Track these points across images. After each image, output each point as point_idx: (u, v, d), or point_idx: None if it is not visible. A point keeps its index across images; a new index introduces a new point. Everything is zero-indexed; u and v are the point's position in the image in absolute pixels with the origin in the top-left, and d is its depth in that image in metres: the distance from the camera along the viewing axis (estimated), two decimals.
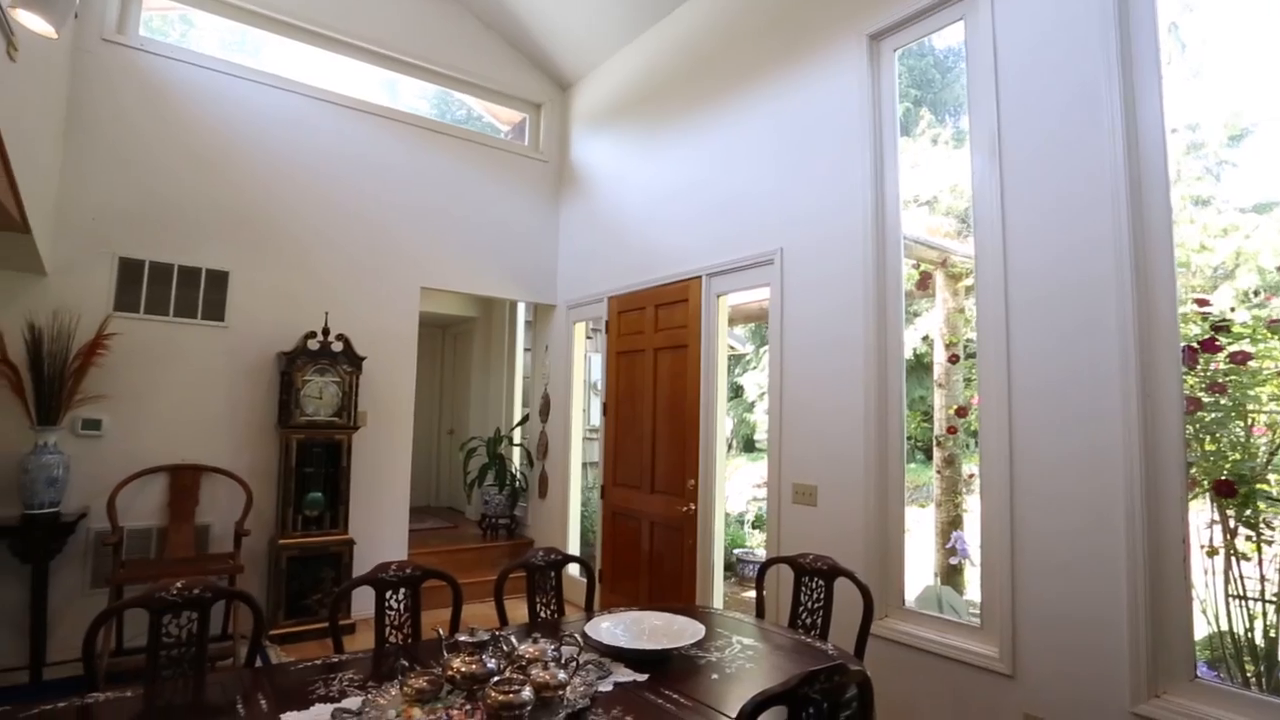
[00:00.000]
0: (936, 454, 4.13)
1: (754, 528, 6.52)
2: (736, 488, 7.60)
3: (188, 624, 1.94)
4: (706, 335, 3.96)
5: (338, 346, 4.33)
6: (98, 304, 3.97)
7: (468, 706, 1.64)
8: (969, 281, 4.15)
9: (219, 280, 4.31)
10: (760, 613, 2.66)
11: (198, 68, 4.32)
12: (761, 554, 6.06)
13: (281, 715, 1.60)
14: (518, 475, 5.79)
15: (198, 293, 4.24)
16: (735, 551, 6.01)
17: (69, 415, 3.80)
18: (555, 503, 5.34)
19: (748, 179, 3.84)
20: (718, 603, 3.87)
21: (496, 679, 1.67)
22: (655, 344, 4.31)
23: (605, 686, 1.80)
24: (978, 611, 2.84)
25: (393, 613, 2.28)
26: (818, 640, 2.28)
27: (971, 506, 3.92)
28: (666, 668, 1.96)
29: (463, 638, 1.79)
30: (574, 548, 5.17)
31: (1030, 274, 2.56)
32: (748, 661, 2.05)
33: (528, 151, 5.71)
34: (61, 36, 3.46)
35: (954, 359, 3.98)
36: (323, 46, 4.87)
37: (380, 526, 4.68)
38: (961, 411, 3.89)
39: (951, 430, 3.92)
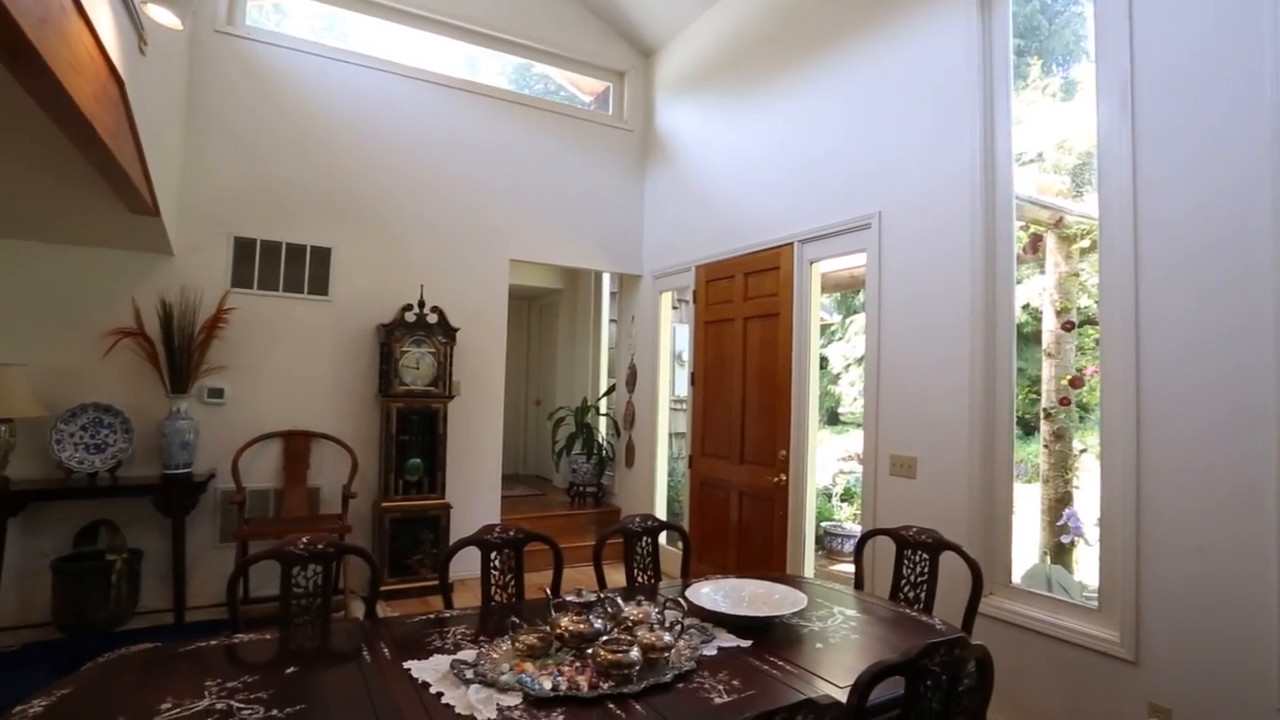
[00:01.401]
0: (1044, 427, 3.90)
1: (843, 501, 6.39)
2: (821, 461, 7.46)
3: (313, 576, 2.07)
4: (799, 303, 3.86)
5: (433, 318, 4.48)
6: (217, 281, 4.25)
7: (577, 664, 1.68)
8: (1085, 243, 3.86)
9: (322, 256, 4.53)
10: (859, 584, 2.60)
11: (299, 53, 4.50)
12: (850, 527, 5.95)
13: (404, 663, 1.69)
14: (604, 444, 5.88)
15: (304, 268, 4.47)
16: (822, 524, 5.91)
17: (196, 384, 4.10)
18: (642, 472, 5.39)
19: (842, 140, 3.68)
20: (808, 574, 3.82)
21: (605, 638, 1.70)
22: (745, 313, 4.24)
23: (709, 651, 1.81)
24: (1093, 593, 2.69)
25: (496, 573, 2.36)
26: (922, 614, 2.21)
27: (1085, 483, 3.69)
28: (769, 635, 1.95)
29: (570, 598, 1.83)
30: (660, 516, 5.22)
31: (1164, 228, 2.35)
32: (852, 632, 2.01)
33: (611, 121, 5.69)
34: (181, 29, 3.67)
35: (1068, 326, 3.73)
36: (408, 24, 4.96)
37: (474, 492, 4.86)
38: (1075, 382, 3.65)
39: (1064, 401, 3.69)
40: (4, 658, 3.35)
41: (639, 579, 2.60)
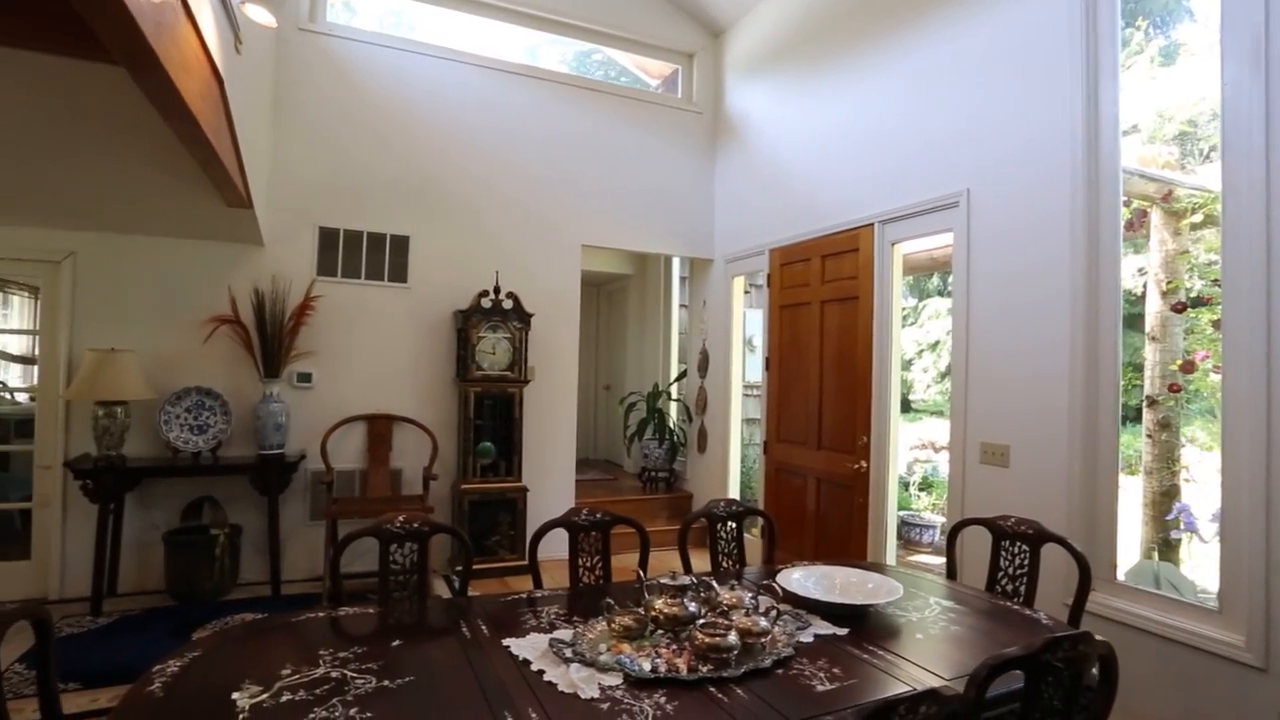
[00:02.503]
0: (1147, 416, 3.67)
1: (921, 490, 6.21)
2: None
3: (410, 553, 2.13)
4: (880, 286, 3.74)
5: (508, 304, 4.54)
6: (304, 269, 4.42)
7: (674, 646, 1.67)
8: (1195, 218, 3.59)
9: (401, 244, 4.65)
10: (951, 574, 2.51)
11: (373, 46, 4.62)
12: (928, 517, 5.77)
13: (503, 640, 1.72)
14: (676, 429, 5.87)
15: (384, 257, 4.61)
16: (899, 514, 5.75)
17: (287, 369, 4.29)
18: (714, 457, 5.36)
19: (925, 116, 3.53)
20: (890, 563, 3.72)
21: (701, 622, 1.69)
22: (821, 296, 4.14)
23: (806, 638, 1.77)
24: (1208, 592, 2.52)
25: (583, 555, 2.38)
26: (1024, 608, 2.12)
27: (1198, 475, 3.45)
28: (865, 624, 1.90)
29: (664, 580, 1.83)
30: None
31: None
32: (951, 623, 1.94)
33: (680, 104, 5.62)
34: (275, 26, 3.81)
35: (1179, 307, 3.48)
36: (474, 12, 4.99)
37: (549, 476, 4.94)
38: (1188, 367, 3.41)
39: (1174, 389, 3.45)
40: (128, 620, 3.60)
41: (723, 564, 2.58)
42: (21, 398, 4.59)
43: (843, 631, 1.83)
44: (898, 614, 1.98)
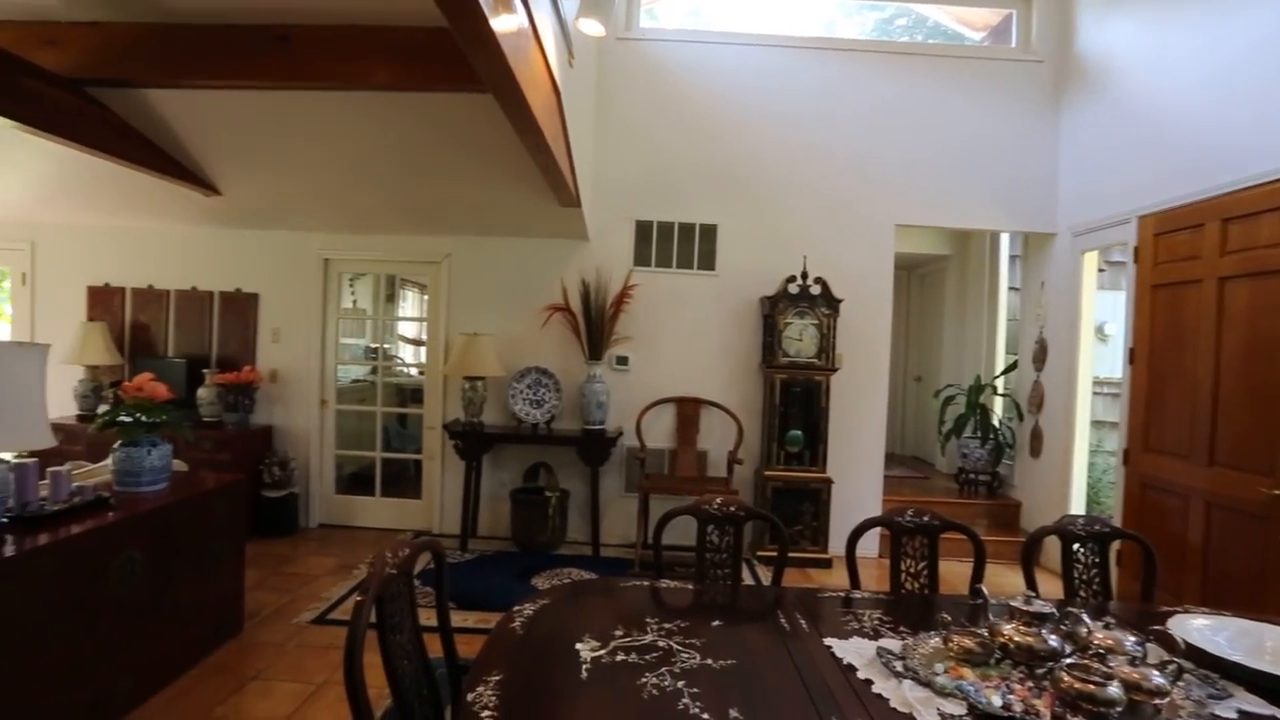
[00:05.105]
0: None
1: None
2: None
3: (726, 535, 2.14)
4: None
5: (816, 289, 4.40)
6: (622, 261, 4.79)
7: (1029, 683, 1.41)
8: None
9: (709, 233, 4.79)
10: None
11: (677, 43, 4.81)
12: None
13: (824, 639, 1.62)
14: (1002, 428, 5.17)
15: (693, 246, 4.79)
16: None
17: (607, 352, 4.70)
18: (1052, 463, 4.59)
19: None
20: None
21: (1068, 661, 1.40)
22: (1221, 271, 3.24)
23: (1225, 712, 1.36)
24: None
25: (905, 559, 2.17)
26: None
27: None
28: None
29: (1015, 603, 1.56)
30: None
31: None
32: None
33: (1013, 54, 4.87)
34: (590, 41, 4.17)
35: None
36: None
37: (855, 469, 4.70)
38: None
39: None
40: (484, 559, 4.29)
41: (1082, 592, 2.15)
42: (412, 372, 5.80)
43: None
44: None
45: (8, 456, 2.24)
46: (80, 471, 2.87)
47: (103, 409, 3.82)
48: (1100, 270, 4.62)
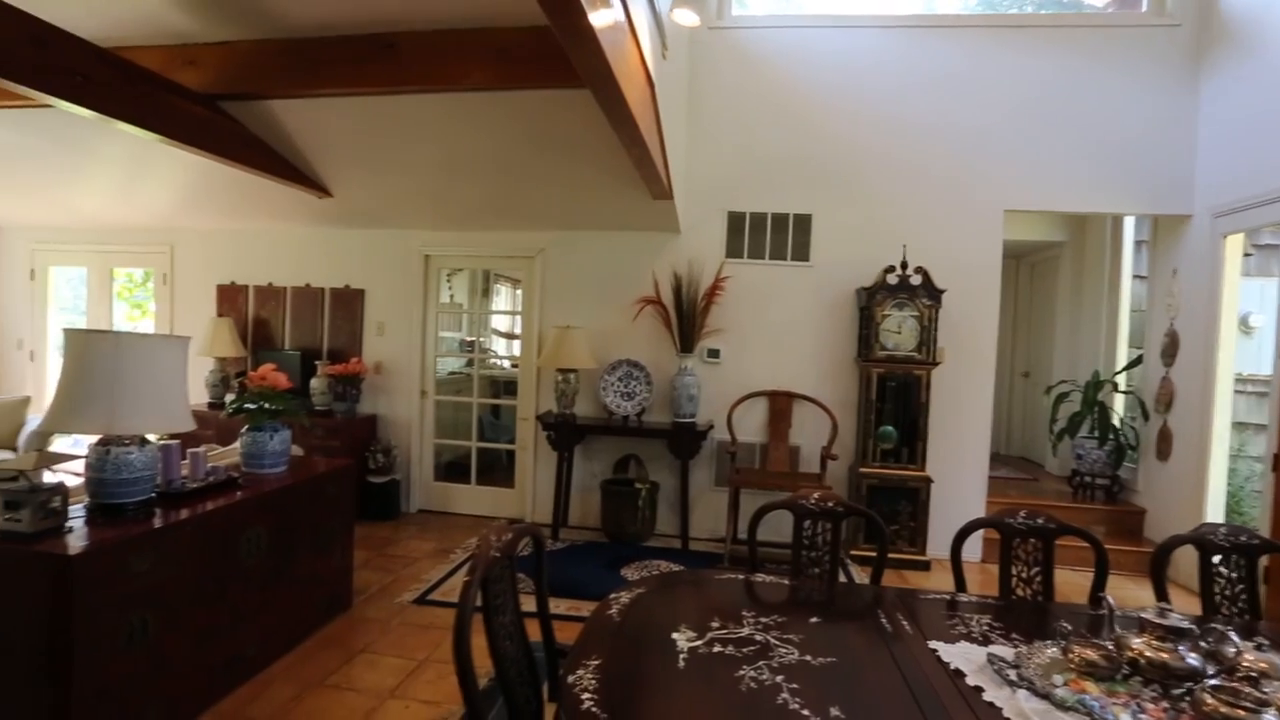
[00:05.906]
0: None
1: None
2: None
3: (823, 531, 2.09)
4: None
5: (916, 280, 4.20)
6: (714, 253, 4.75)
7: (1163, 703, 1.30)
8: None
9: (804, 223, 4.67)
10: None
11: (770, 30, 4.68)
12: None
13: (929, 642, 1.55)
14: (1123, 429, 4.78)
15: (786, 236, 4.68)
16: None
17: (699, 345, 4.67)
18: (1182, 468, 4.21)
19: None
20: None
21: (1213, 683, 1.28)
22: None
23: None
24: None
25: (1015, 563, 2.04)
26: None
27: None
28: None
29: (1147, 615, 1.44)
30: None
31: None
32: None
33: (1144, 19, 4.47)
34: (682, 31, 4.14)
35: None
36: None
37: (956, 467, 4.47)
38: None
39: None
40: (575, 548, 4.38)
41: (1223, 608, 1.96)
42: (505, 364, 5.98)
43: None
44: None
45: (154, 438, 2.46)
46: (214, 454, 3.13)
47: (229, 398, 4.16)
48: (1246, 255, 4.18)
